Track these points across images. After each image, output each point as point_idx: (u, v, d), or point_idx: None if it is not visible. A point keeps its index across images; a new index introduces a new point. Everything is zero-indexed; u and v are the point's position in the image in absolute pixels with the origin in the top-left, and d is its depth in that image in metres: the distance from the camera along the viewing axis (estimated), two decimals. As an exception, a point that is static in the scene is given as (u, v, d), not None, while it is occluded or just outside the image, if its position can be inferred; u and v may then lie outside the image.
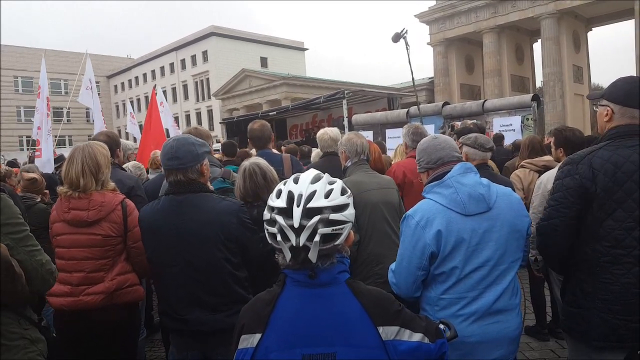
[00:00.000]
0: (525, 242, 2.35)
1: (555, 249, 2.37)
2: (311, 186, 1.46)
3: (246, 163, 3.08)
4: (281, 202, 1.45)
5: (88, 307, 2.76)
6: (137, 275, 3.00)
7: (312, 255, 1.41)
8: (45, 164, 8.09)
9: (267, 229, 1.48)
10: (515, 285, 2.28)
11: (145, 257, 2.84)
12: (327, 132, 4.55)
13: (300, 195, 1.43)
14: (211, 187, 2.86)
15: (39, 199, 4.61)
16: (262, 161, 3.13)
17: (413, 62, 10.81)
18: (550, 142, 4.34)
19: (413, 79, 10.92)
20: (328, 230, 1.41)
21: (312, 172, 1.54)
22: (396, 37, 11.41)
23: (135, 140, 10.55)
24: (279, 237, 1.44)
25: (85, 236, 2.79)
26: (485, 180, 2.30)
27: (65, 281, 2.76)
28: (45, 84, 9.13)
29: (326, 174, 1.56)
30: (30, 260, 1.94)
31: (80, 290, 2.76)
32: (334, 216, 1.43)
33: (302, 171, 1.66)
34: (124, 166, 4.74)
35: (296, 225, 1.40)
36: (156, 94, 10.02)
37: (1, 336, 1.87)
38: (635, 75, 2.46)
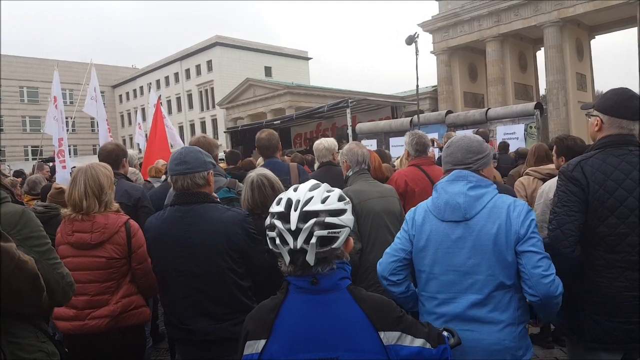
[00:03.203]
0: (521, 259, 2.15)
1: (571, 257, 2.27)
2: (309, 193, 1.53)
3: (253, 174, 3.09)
4: (280, 208, 1.51)
5: (94, 332, 2.75)
6: (143, 296, 2.99)
7: (310, 258, 1.46)
8: (66, 176, 8.01)
9: (267, 235, 1.54)
10: (502, 301, 2.18)
11: (151, 278, 2.85)
12: (322, 143, 4.59)
13: (298, 201, 1.50)
14: (217, 198, 2.89)
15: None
16: (268, 172, 3.15)
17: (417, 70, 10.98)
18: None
19: (417, 85, 11.06)
20: (324, 232, 1.46)
21: (311, 182, 1.60)
22: (410, 40, 11.91)
23: (140, 151, 10.59)
24: (277, 241, 1.49)
25: (89, 259, 2.77)
26: (475, 192, 2.26)
27: (71, 304, 2.68)
28: (60, 94, 9.09)
29: (325, 183, 1.61)
30: (52, 273, 1.95)
31: (85, 314, 2.75)
32: (330, 219, 1.48)
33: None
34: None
35: (293, 228, 1.46)
36: (161, 104, 10.10)
37: (21, 349, 1.88)
38: (638, 82, 2.51)
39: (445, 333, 1.71)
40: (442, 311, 2.21)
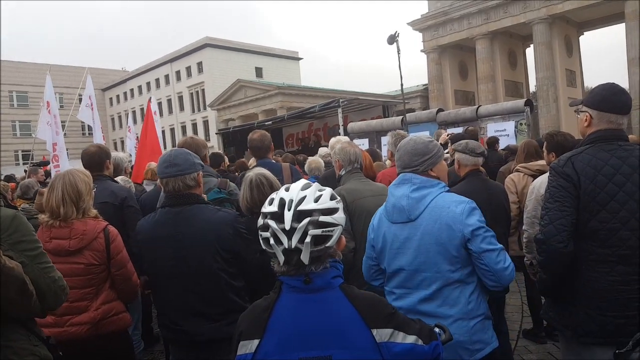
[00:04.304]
0: (481, 259, 2.26)
1: (564, 252, 2.26)
2: (301, 192, 1.53)
3: (251, 174, 3.08)
4: (273, 208, 1.51)
5: (74, 338, 2.71)
6: (123, 302, 2.97)
7: (304, 257, 1.46)
8: None
9: (260, 235, 1.53)
10: (451, 297, 2.30)
11: (131, 284, 2.86)
12: (340, 140, 4.57)
13: (291, 201, 1.50)
14: (205, 198, 2.88)
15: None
16: (266, 172, 3.14)
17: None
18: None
19: (402, 84, 11.10)
20: (318, 231, 1.47)
21: (302, 182, 1.61)
22: (391, 40, 11.98)
23: (130, 154, 10.53)
24: (272, 241, 1.49)
25: (68, 265, 2.72)
26: (418, 194, 2.36)
27: None
28: (53, 99, 8.98)
29: (315, 183, 1.62)
30: (43, 277, 1.94)
31: (64, 321, 2.71)
32: (323, 218, 1.48)
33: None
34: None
35: (287, 227, 1.46)
36: (152, 105, 10.04)
37: (13, 353, 1.87)
38: (627, 77, 2.54)
39: (436, 329, 1.72)
40: (397, 305, 2.32)
